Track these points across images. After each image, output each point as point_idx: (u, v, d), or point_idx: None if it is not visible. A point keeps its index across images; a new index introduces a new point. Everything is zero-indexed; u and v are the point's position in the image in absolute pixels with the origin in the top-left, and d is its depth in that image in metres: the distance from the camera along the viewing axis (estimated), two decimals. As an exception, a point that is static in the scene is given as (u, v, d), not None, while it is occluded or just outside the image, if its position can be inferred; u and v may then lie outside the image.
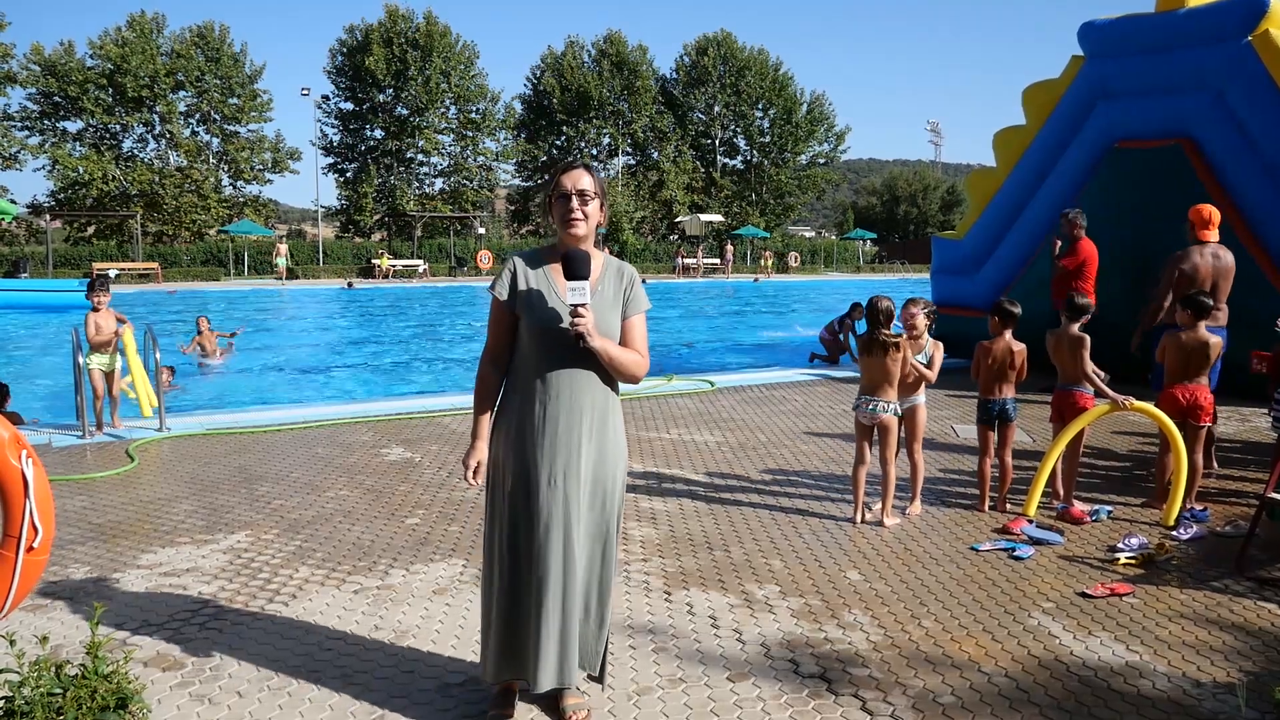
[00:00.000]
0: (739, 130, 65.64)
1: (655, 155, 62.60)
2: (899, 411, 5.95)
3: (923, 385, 6.23)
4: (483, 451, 3.29)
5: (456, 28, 63.23)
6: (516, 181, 62.77)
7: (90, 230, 49.17)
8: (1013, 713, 3.59)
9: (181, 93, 49.73)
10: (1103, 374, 6.25)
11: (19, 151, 45.94)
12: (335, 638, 4.26)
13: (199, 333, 15.46)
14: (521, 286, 3.23)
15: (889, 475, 5.97)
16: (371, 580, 4.99)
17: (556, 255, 3.26)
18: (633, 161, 63.63)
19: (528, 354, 3.24)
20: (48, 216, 44.67)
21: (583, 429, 3.19)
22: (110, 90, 47.13)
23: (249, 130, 52.61)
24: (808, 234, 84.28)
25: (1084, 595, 4.81)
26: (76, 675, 2.50)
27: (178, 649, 4.14)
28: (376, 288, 39.37)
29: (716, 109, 64.17)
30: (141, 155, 50.11)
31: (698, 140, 64.69)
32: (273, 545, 5.56)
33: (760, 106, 64.69)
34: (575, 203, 3.18)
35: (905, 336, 6.01)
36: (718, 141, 65.41)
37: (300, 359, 17.41)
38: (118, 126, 48.62)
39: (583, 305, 3.04)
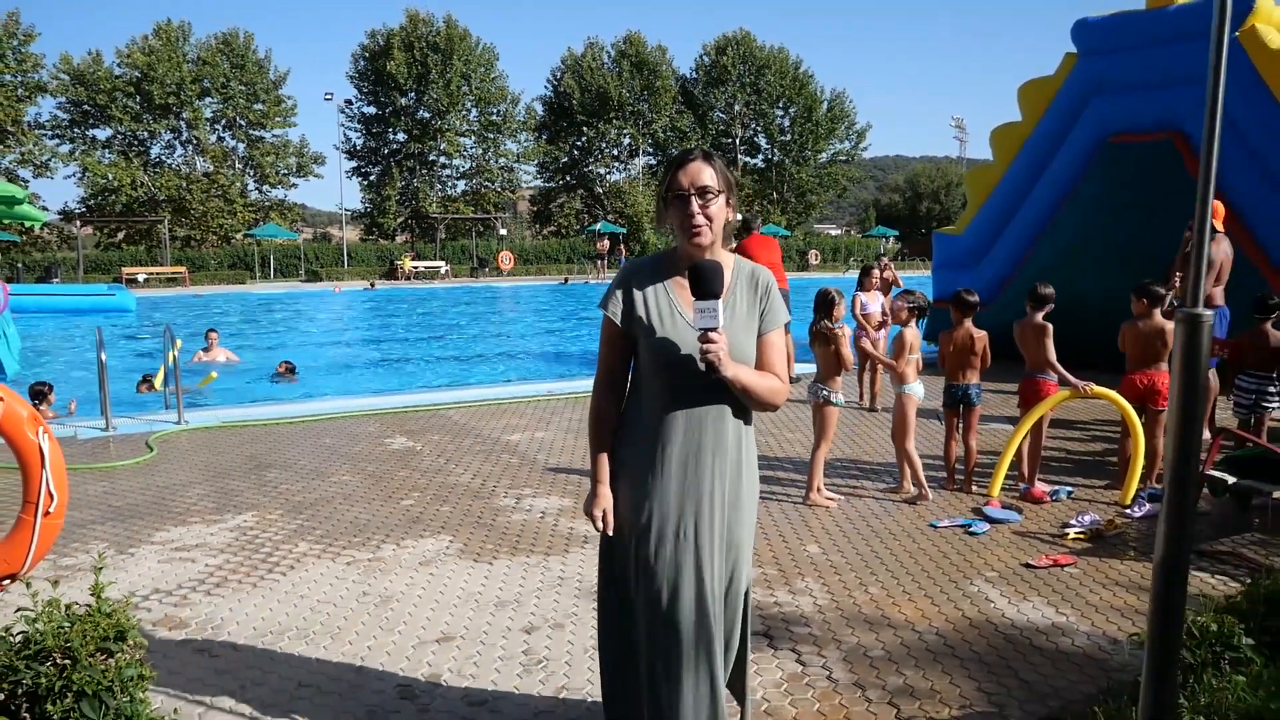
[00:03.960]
0: (759, 129, 65.85)
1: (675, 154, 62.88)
2: (838, 401, 6.30)
3: (906, 376, 6.48)
4: (607, 497, 2.79)
5: (476, 31, 63.79)
6: (538, 183, 63.28)
7: (120, 235, 50.09)
8: (935, 665, 3.93)
9: (207, 99, 50.55)
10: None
11: (50, 159, 46.92)
12: (326, 601, 4.66)
13: (209, 345, 15.90)
14: (638, 306, 2.73)
15: (816, 456, 6.32)
16: (364, 554, 5.38)
17: (677, 266, 2.76)
18: (654, 161, 63.95)
19: (648, 384, 2.75)
20: (78, 223, 45.55)
21: (715, 470, 2.71)
22: (138, 98, 47.99)
23: (274, 135, 53.39)
24: (834, 232, 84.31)
25: (1027, 566, 5.14)
26: (83, 614, 2.90)
27: (184, 611, 4.56)
28: (398, 289, 39.89)
29: (737, 108, 64.39)
30: (169, 161, 51.01)
31: (718, 139, 64.92)
32: (276, 524, 5.97)
33: (780, 105, 64.87)
34: (695, 205, 2.63)
35: (845, 330, 6.37)
36: (738, 140, 65.62)
37: (321, 357, 17.88)
38: (145, 133, 49.50)
39: (714, 330, 2.51)
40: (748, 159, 66.80)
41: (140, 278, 39.29)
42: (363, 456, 7.81)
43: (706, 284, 2.50)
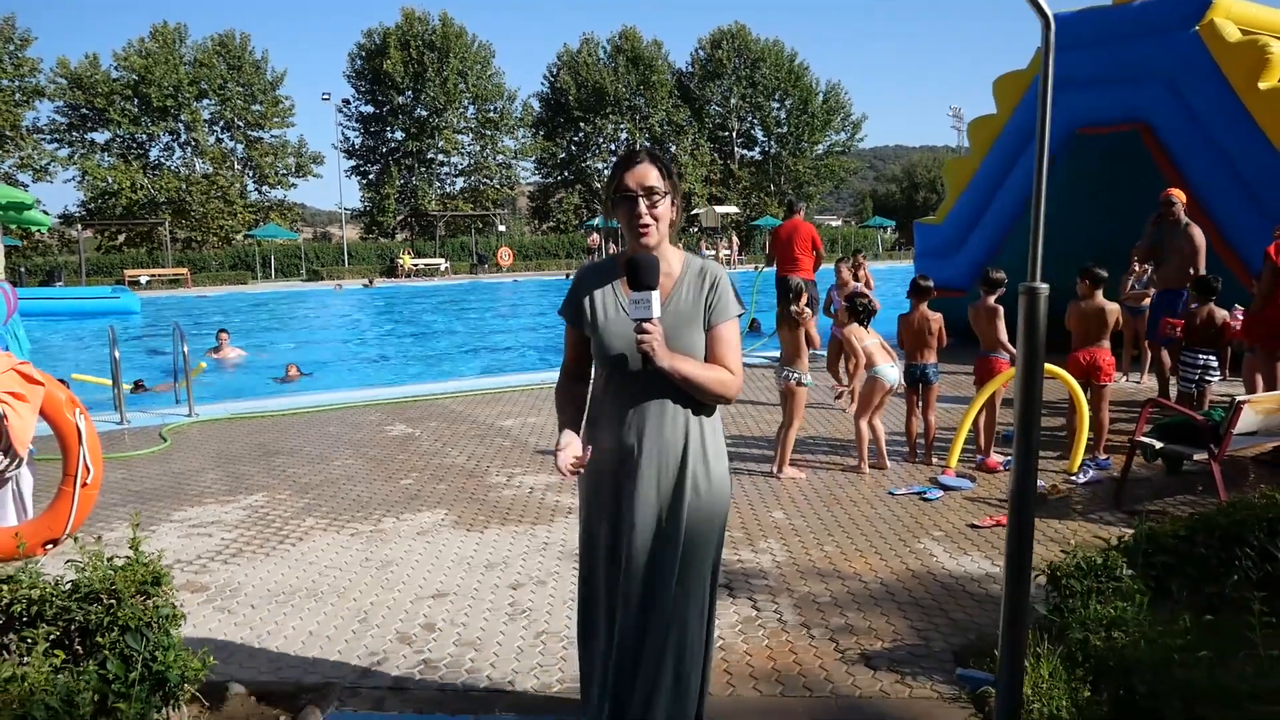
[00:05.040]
0: (756, 121, 66.25)
1: (673, 149, 63.30)
2: (807, 382, 6.78)
3: (874, 359, 7.02)
4: (574, 445, 2.79)
5: (472, 28, 64.25)
6: (536, 179, 63.75)
7: (121, 238, 50.51)
8: (875, 608, 4.42)
9: (205, 101, 50.92)
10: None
11: (49, 164, 47.29)
12: (332, 567, 5.16)
13: (219, 345, 16.41)
14: (586, 305, 2.83)
15: (787, 435, 6.80)
16: (366, 526, 5.88)
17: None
18: (650, 156, 64.30)
19: (602, 380, 2.85)
20: (79, 226, 45.94)
21: (669, 463, 2.75)
22: (136, 101, 48.35)
23: (272, 136, 53.77)
24: (834, 223, 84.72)
25: (972, 526, 5.62)
26: (123, 564, 3.37)
27: (204, 578, 5.05)
28: (399, 286, 40.35)
29: (733, 101, 64.79)
30: (168, 163, 51.38)
31: (715, 133, 65.35)
32: (285, 503, 6.47)
33: (776, 97, 65.27)
34: (642, 206, 2.69)
35: (809, 314, 6.86)
36: (735, 133, 66.03)
37: (324, 353, 18.38)
38: (144, 136, 49.87)
39: (648, 320, 2.57)
40: (745, 151, 67.20)
41: (143, 280, 39.73)
42: (364, 442, 8.30)
43: (640, 276, 2.58)
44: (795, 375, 6.76)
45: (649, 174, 2.70)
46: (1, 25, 43.02)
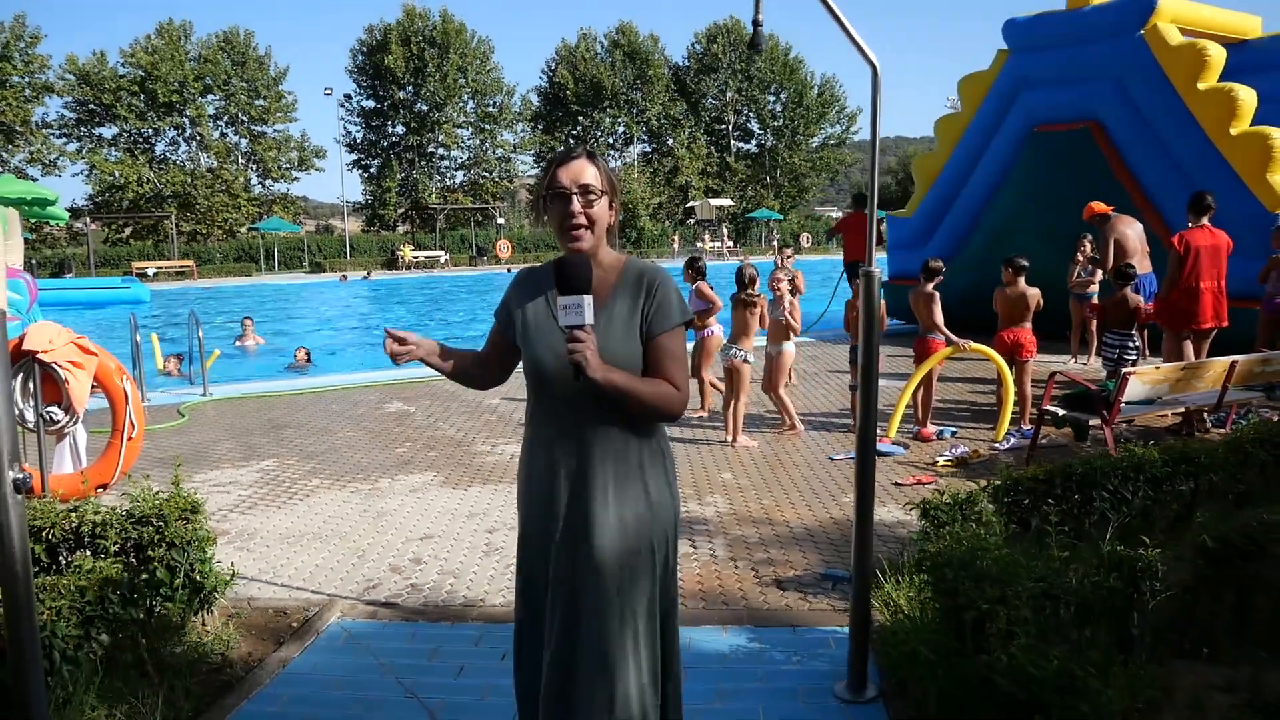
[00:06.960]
0: (752, 115, 66.95)
1: (670, 142, 64.05)
2: (749, 359, 7.58)
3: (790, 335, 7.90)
4: (428, 346, 2.71)
5: (471, 24, 64.93)
6: (535, 172, 64.44)
7: (128, 231, 51.27)
8: (794, 546, 5.23)
9: (210, 96, 51.70)
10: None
11: (58, 158, 48.07)
12: (335, 516, 5.97)
13: (244, 333, 17.27)
14: (516, 314, 2.61)
15: (737, 408, 7.60)
16: (365, 485, 6.69)
17: None
18: (648, 149, 65.13)
19: (532, 397, 2.60)
20: (87, 219, 46.71)
21: (600, 482, 2.47)
22: (142, 96, 49.08)
23: (275, 130, 54.52)
24: (835, 214, 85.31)
25: (895, 484, 6.42)
26: (168, 496, 4.18)
27: (225, 525, 5.87)
28: (400, 278, 41.11)
29: (729, 95, 65.48)
30: (174, 158, 52.13)
31: (711, 126, 66.04)
32: (293, 467, 7.28)
33: (772, 91, 65.96)
34: (577, 204, 2.44)
35: (761, 297, 7.65)
36: (731, 127, 66.74)
37: (330, 340, 19.19)
38: (150, 131, 50.65)
39: (580, 328, 2.29)
40: (741, 144, 67.90)
41: (150, 272, 40.48)
42: (364, 417, 9.12)
43: (570, 279, 2.31)
44: (742, 354, 7.55)
45: (585, 170, 2.48)
46: (12, 23, 43.77)
